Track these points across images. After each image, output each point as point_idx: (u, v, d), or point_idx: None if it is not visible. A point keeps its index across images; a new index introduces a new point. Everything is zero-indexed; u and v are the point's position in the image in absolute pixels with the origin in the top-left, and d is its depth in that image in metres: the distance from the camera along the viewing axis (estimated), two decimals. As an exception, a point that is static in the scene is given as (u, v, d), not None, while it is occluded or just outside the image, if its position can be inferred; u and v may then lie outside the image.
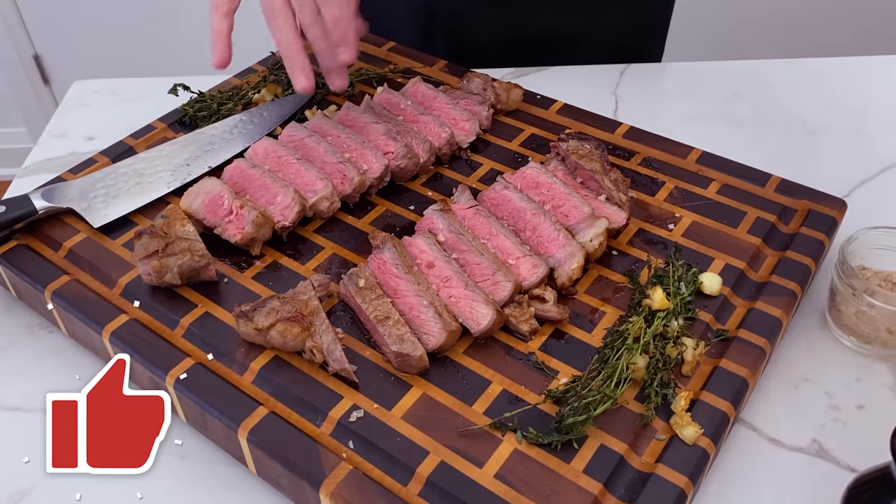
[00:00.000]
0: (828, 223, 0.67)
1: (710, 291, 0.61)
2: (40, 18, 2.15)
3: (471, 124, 0.77)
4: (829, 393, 0.60)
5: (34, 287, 0.64)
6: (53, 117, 0.92)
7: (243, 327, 0.57)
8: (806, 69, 0.96)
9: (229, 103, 0.81)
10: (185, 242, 0.62)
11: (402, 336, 0.56)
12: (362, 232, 0.69)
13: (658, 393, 0.54)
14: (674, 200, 0.71)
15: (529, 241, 0.64)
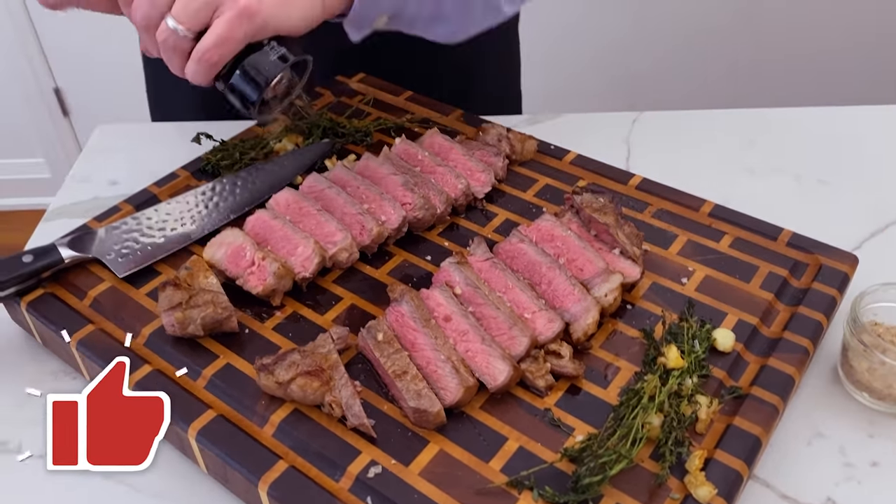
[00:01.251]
0: (839, 278, 0.68)
1: (724, 348, 0.62)
2: (61, 52, 2.19)
3: (486, 175, 0.78)
4: (843, 449, 0.61)
5: (59, 336, 0.65)
6: (77, 162, 0.94)
7: (264, 380, 0.58)
8: (817, 118, 0.97)
9: (251, 152, 0.83)
10: (209, 295, 0.63)
11: (419, 391, 0.57)
12: (380, 282, 0.70)
13: (673, 452, 0.54)
14: (687, 254, 0.72)
15: (545, 294, 0.65)
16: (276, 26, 0.63)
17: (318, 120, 0.86)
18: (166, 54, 0.63)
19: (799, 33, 2.00)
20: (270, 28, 0.62)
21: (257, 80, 0.63)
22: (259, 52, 0.63)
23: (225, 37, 0.60)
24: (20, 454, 0.62)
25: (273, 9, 0.61)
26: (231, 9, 0.60)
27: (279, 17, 0.62)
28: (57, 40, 2.17)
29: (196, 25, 0.61)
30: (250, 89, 0.64)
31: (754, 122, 0.97)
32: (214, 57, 0.61)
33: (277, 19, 0.62)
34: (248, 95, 0.64)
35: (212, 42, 0.60)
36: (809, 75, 2.05)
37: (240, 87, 0.64)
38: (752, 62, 2.05)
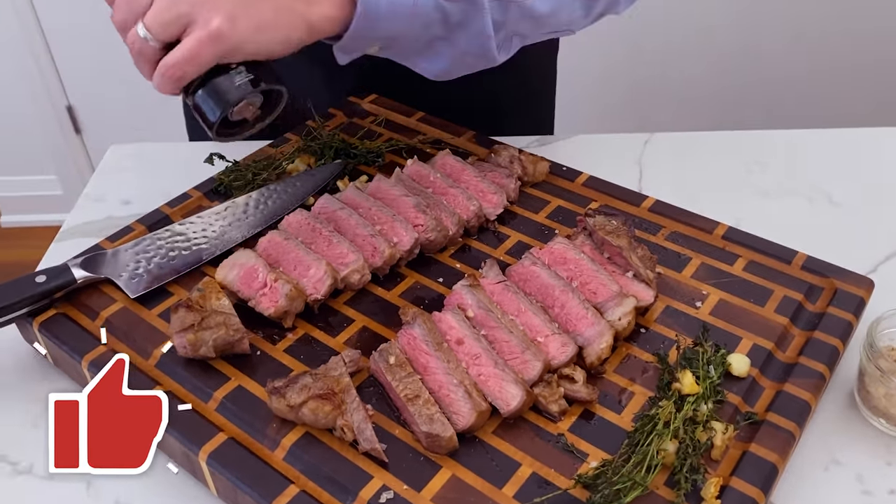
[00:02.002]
0: (855, 303, 0.67)
1: (739, 373, 0.62)
2: (74, 70, 2.22)
3: (498, 197, 0.78)
4: (860, 477, 0.60)
5: (71, 357, 0.65)
6: (90, 181, 0.95)
7: (276, 403, 0.58)
8: (831, 139, 0.97)
9: (264, 173, 0.83)
10: (221, 317, 0.63)
11: (431, 416, 0.57)
12: (392, 304, 0.70)
13: (688, 479, 0.54)
14: (700, 277, 0.71)
15: (558, 318, 0.65)
16: (249, 52, 0.61)
17: (331, 141, 0.86)
18: (134, 59, 0.62)
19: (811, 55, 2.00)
20: (241, 53, 0.61)
21: (218, 103, 0.61)
22: (225, 76, 0.61)
23: (191, 56, 0.59)
24: (31, 474, 0.62)
25: (246, 34, 0.59)
26: (202, 29, 0.58)
27: (252, 42, 0.60)
28: (70, 59, 2.19)
29: (165, 37, 0.59)
30: (210, 111, 0.62)
31: (767, 143, 0.97)
32: (178, 73, 0.60)
33: (250, 45, 0.60)
34: (208, 117, 0.62)
35: (177, 59, 0.59)
36: (822, 97, 2.05)
37: (201, 107, 0.62)
38: (764, 83, 2.05)
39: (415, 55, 0.72)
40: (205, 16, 0.58)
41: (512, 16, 0.70)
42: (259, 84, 0.62)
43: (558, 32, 0.77)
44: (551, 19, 0.73)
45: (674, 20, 1.95)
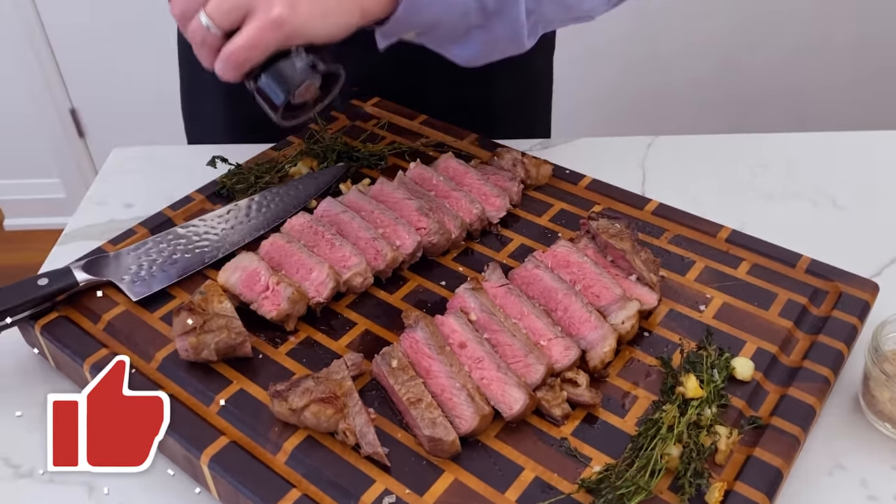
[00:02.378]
0: (860, 306, 0.67)
1: (743, 377, 0.61)
2: (78, 73, 2.22)
3: (501, 200, 0.78)
4: (865, 482, 0.59)
5: (73, 360, 0.65)
6: (93, 184, 0.95)
7: (278, 407, 0.58)
8: (835, 142, 0.97)
9: (266, 176, 0.83)
10: (223, 319, 0.63)
11: (434, 420, 0.57)
12: (394, 308, 0.70)
13: (692, 483, 0.53)
14: (704, 280, 0.71)
15: (561, 321, 0.65)
16: (308, 36, 0.62)
17: (333, 144, 0.86)
18: (196, 48, 0.63)
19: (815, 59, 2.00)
20: (301, 38, 0.62)
21: (282, 86, 0.63)
22: (286, 59, 0.63)
23: (253, 42, 0.60)
24: (32, 477, 0.61)
25: (306, 18, 0.61)
26: (263, 15, 0.60)
27: (312, 27, 0.62)
28: (73, 62, 2.20)
29: (226, 25, 0.61)
30: (275, 95, 0.64)
31: (771, 146, 0.96)
32: (240, 59, 0.61)
33: (309, 29, 0.62)
34: (273, 100, 0.64)
35: (239, 45, 0.61)
36: (827, 100, 2.04)
37: (265, 91, 0.64)
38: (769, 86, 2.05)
39: (450, 42, 0.74)
40: (265, 3, 0.60)
41: (544, 2, 0.73)
42: (320, 66, 0.64)
43: (580, 19, 0.79)
44: (578, 5, 0.76)
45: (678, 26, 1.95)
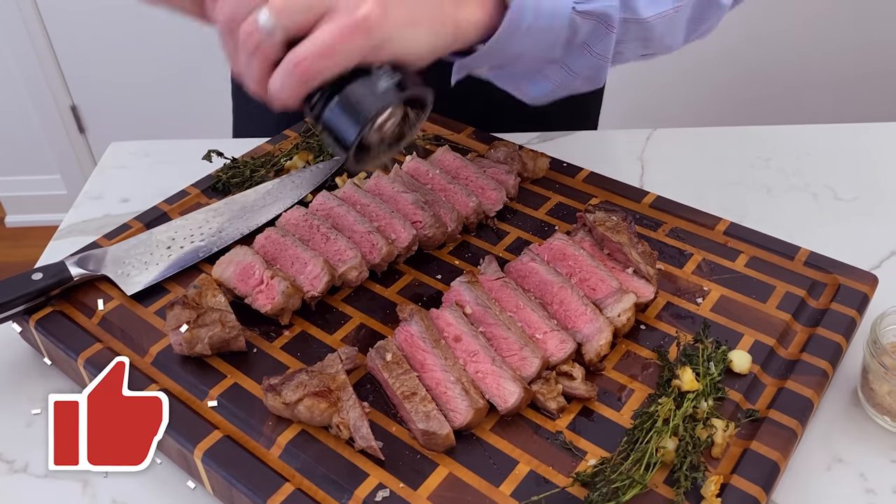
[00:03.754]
0: (858, 299, 0.67)
1: (740, 370, 0.61)
2: (78, 70, 2.22)
3: (498, 193, 0.78)
4: (864, 475, 0.59)
5: (67, 354, 0.65)
6: (90, 179, 0.94)
7: (271, 401, 0.58)
8: (834, 135, 0.96)
9: (262, 170, 0.82)
10: (217, 314, 0.63)
11: (428, 413, 0.56)
12: (390, 301, 0.69)
13: (688, 477, 0.53)
14: (702, 273, 0.70)
15: (556, 314, 0.64)
16: (398, 49, 0.49)
17: (330, 137, 0.86)
18: (246, 58, 0.49)
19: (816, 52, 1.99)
20: (390, 49, 0.49)
21: (360, 114, 0.48)
22: (366, 78, 0.48)
23: (330, 47, 0.46)
24: (27, 473, 0.61)
25: (397, 25, 0.48)
26: (346, 15, 0.46)
27: (404, 37, 0.49)
28: (74, 59, 2.19)
29: (295, 26, 0.47)
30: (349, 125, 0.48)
31: (770, 139, 0.96)
32: (311, 70, 0.47)
33: (402, 40, 0.49)
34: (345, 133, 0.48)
35: (311, 51, 0.46)
36: (826, 92, 2.03)
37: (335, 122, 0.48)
38: (768, 79, 2.04)
39: (524, 78, 0.66)
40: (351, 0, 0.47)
41: (629, 36, 0.65)
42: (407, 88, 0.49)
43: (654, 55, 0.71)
44: (659, 41, 0.68)
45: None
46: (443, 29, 0.53)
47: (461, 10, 0.55)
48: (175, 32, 2.09)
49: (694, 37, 0.73)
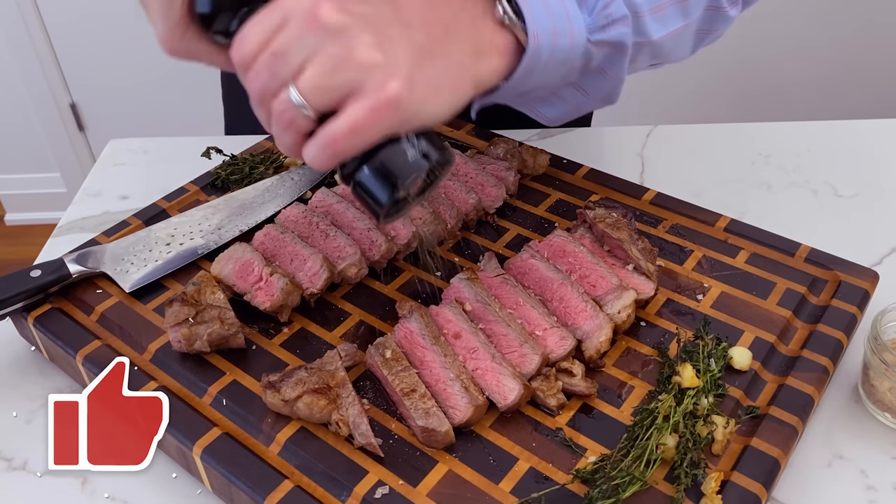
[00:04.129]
0: (859, 295, 0.66)
1: (740, 366, 0.61)
2: (77, 68, 2.22)
3: (497, 190, 0.77)
4: (865, 472, 0.59)
5: (66, 352, 0.64)
6: (89, 175, 0.94)
7: (270, 398, 0.57)
8: (835, 131, 0.96)
9: (261, 167, 0.82)
10: (216, 311, 0.62)
11: (428, 410, 0.56)
12: (389, 298, 0.69)
13: (688, 474, 0.53)
14: (702, 270, 0.70)
15: (556, 311, 0.64)
16: (424, 119, 0.51)
17: (329, 134, 0.86)
18: (279, 130, 0.51)
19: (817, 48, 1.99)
20: (416, 121, 0.50)
21: (390, 180, 0.50)
22: (394, 147, 0.50)
23: (361, 127, 0.48)
24: (25, 470, 0.61)
25: (424, 97, 0.50)
26: (375, 94, 0.48)
27: (429, 108, 0.50)
28: (73, 57, 2.19)
29: (323, 106, 0.49)
30: (381, 190, 0.51)
31: (770, 135, 0.96)
32: (344, 146, 0.49)
33: (426, 111, 0.50)
34: (378, 198, 0.51)
35: (344, 130, 0.48)
36: (827, 88, 2.03)
37: (368, 187, 0.51)
38: (768, 75, 2.03)
39: (540, 102, 0.66)
40: (378, 79, 0.48)
41: (641, 55, 0.66)
42: (432, 155, 0.52)
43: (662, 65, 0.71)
44: (669, 55, 0.68)
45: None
46: (465, 88, 0.53)
47: (481, 63, 0.55)
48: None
49: (702, 46, 0.73)
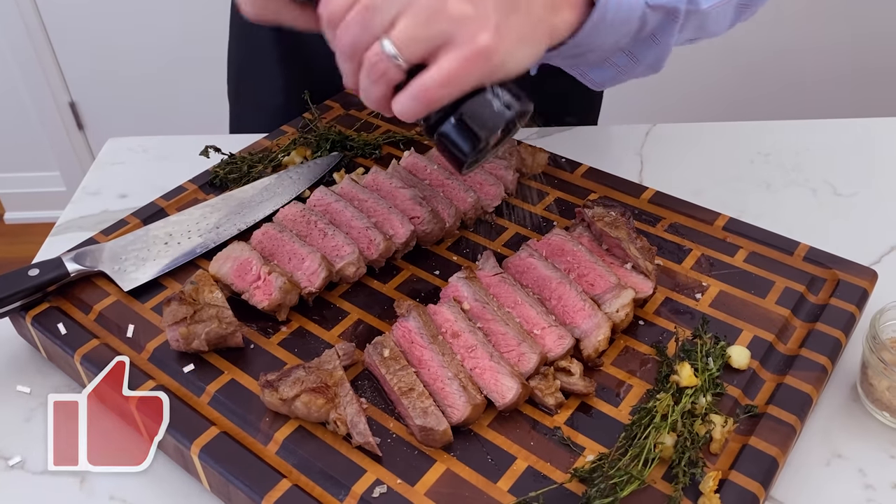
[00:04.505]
0: (858, 294, 0.66)
1: (739, 365, 0.61)
2: (77, 67, 2.22)
3: (496, 188, 0.77)
4: (863, 471, 0.59)
5: (64, 351, 0.64)
6: (88, 174, 0.94)
7: (268, 397, 0.57)
8: (834, 130, 0.96)
9: (259, 165, 0.82)
10: (213, 310, 0.62)
11: (426, 409, 0.56)
12: (388, 297, 0.69)
13: (686, 473, 0.53)
14: (701, 269, 0.70)
15: (555, 310, 0.64)
16: (510, 69, 0.53)
17: (327, 133, 0.86)
18: (371, 82, 0.53)
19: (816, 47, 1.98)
20: (502, 72, 0.53)
21: (476, 132, 0.52)
22: (480, 98, 0.52)
23: (454, 76, 0.51)
24: (24, 469, 0.61)
25: (511, 49, 0.52)
26: (466, 45, 0.50)
27: (515, 58, 0.53)
28: (72, 55, 2.19)
29: (416, 57, 0.51)
30: (467, 141, 0.53)
31: (769, 134, 0.95)
32: (435, 96, 0.51)
33: (512, 62, 0.53)
34: (462, 149, 0.53)
35: (437, 80, 0.51)
36: (826, 87, 2.03)
37: (453, 138, 0.53)
38: (767, 74, 2.03)
39: (591, 66, 0.69)
40: (470, 30, 0.50)
41: (688, 26, 0.68)
42: (515, 105, 0.53)
43: (698, 40, 0.74)
44: (710, 28, 0.71)
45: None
46: (543, 39, 0.56)
47: (557, 15, 0.57)
48: (174, 29, 2.09)
49: (738, 21, 0.76)
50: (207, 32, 2.04)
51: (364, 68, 0.53)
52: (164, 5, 2.05)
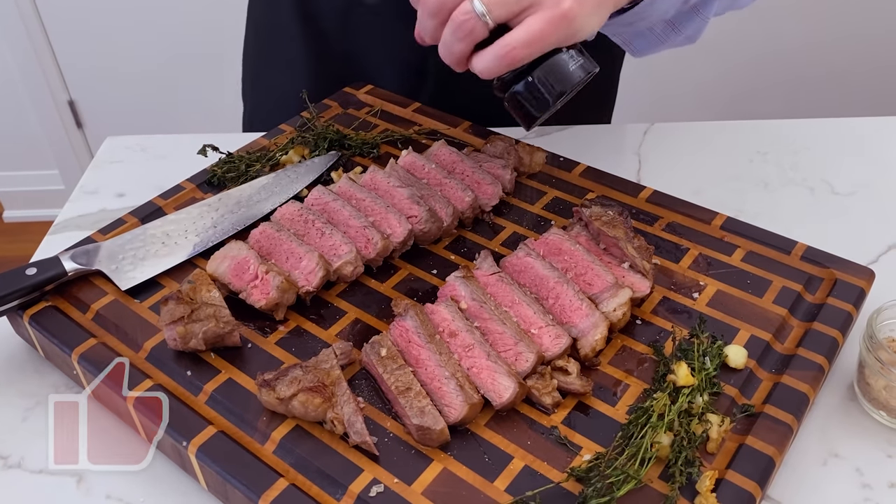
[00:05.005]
0: (855, 293, 0.66)
1: (736, 365, 0.61)
2: (75, 65, 2.21)
3: (494, 188, 0.77)
4: (860, 470, 0.59)
5: (61, 350, 0.64)
6: (86, 173, 0.94)
7: (265, 396, 0.57)
8: (832, 129, 0.96)
9: (257, 164, 0.82)
10: (211, 309, 0.62)
11: (423, 409, 0.56)
12: (385, 296, 0.69)
13: (683, 472, 0.53)
14: (698, 268, 0.70)
15: (552, 309, 0.64)
16: (584, 33, 0.58)
17: (325, 132, 0.86)
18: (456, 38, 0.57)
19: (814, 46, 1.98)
20: (579, 35, 0.57)
21: (551, 91, 0.57)
22: (557, 59, 0.57)
23: (537, 37, 0.55)
24: (21, 468, 0.61)
25: (589, 13, 0.56)
26: (551, 9, 0.55)
27: (591, 23, 0.57)
28: (71, 54, 2.19)
29: (506, 16, 0.56)
30: (539, 101, 0.57)
31: (768, 133, 0.95)
32: (520, 55, 0.55)
33: (588, 26, 0.57)
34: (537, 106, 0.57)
35: (522, 39, 0.55)
36: (824, 86, 2.03)
37: (527, 97, 0.57)
38: (765, 73, 2.03)
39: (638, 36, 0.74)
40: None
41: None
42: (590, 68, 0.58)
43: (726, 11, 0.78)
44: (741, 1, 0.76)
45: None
46: (611, 5, 0.60)
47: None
48: (173, 28, 2.08)
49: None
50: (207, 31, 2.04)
51: (450, 25, 0.56)
52: (163, 4, 2.05)
